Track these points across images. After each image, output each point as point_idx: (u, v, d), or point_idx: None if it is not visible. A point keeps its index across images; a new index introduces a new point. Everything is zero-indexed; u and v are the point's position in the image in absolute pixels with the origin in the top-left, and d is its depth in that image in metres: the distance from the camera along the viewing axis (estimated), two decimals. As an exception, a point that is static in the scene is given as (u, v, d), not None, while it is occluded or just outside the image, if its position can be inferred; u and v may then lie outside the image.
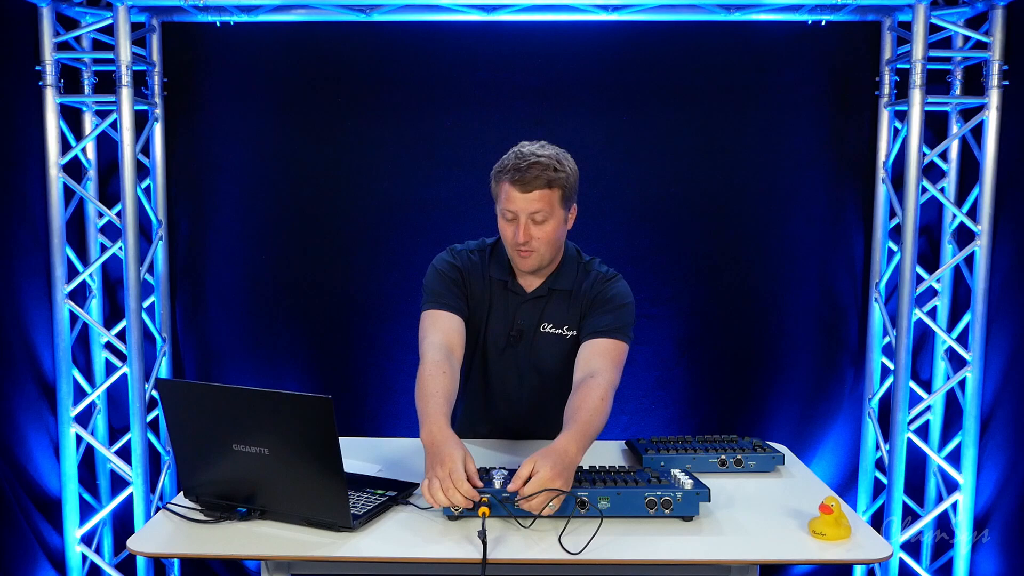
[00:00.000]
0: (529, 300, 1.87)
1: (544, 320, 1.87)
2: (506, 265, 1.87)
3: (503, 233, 1.79)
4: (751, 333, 2.85)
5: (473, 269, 1.88)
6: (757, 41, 2.73)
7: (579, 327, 1.85)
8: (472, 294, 1.87)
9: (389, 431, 2.86)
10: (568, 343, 1.87)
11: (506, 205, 1.74)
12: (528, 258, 1.77)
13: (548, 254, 1.79)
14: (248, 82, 2.77)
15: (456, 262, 1.88)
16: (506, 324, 1.88)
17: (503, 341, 1.89)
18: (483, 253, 1.91)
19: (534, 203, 1.71)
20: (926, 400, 2.69)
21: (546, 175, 1.71)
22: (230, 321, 2.87)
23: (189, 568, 2.90)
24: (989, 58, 2.51)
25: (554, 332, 1.86)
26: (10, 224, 2.54)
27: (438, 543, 1.39)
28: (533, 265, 1.80)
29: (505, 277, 1.87)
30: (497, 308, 1.89)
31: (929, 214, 2.75)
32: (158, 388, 1.54)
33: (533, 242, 1.74)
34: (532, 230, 1.73)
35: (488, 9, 2.59)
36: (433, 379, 1.67)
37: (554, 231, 1.76)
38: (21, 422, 2.58)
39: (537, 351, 1.88)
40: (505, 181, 1.73)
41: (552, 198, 1.73)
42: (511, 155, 1.76)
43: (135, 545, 1.40)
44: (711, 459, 1.74)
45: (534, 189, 1.71)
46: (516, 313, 1.88)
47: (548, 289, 1.86)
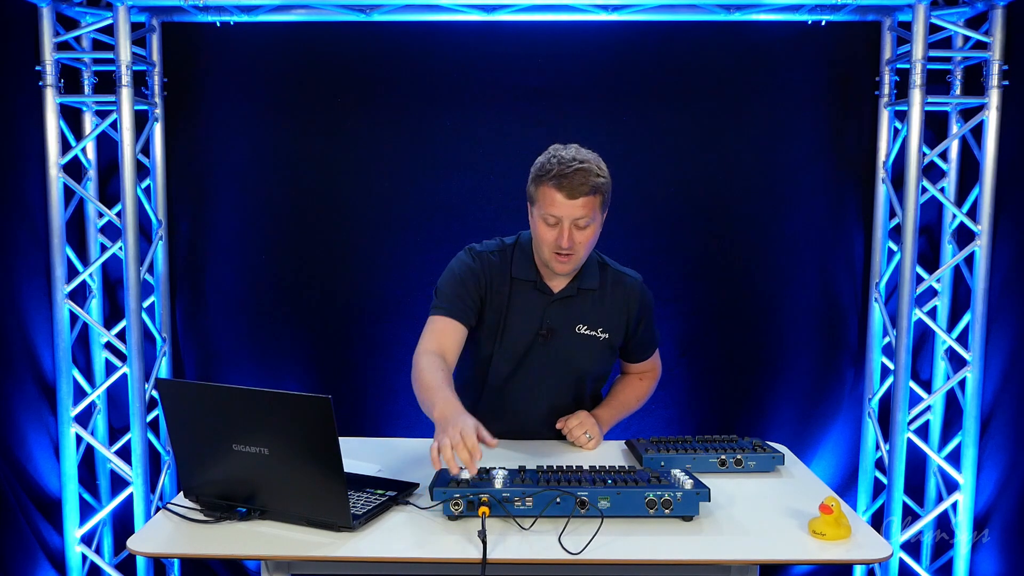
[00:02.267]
0: (558, 300, 1.88)
1: (579, 322, 1.90)
2: (531, 265, 1.88)
3: (542, 236, 1.78)
4: (751, 333, 2.85)
5: (493, 270, 1.88)
6: (757, 41, 2.73)
7: (626, 334, 1.95)
8: (490, 295, 1.88)
9: (389, 431, 2.86)
10: (601, 344, 1.92)
11: (549, 210, 1.74)
12: (567, 263, 1.79)
13: (584, 259, 1.83)
14: (248, 82, 2.77)
15: (475, 264, 1.88)
16: (532, 323, 1.88)
17: (529, 340, 1.89)
18: (503, 254, 1.91)
19: (579, 209, 1.73)
20: (926, 400, 2.69)
21: (591, 181, 1.73)
22: (230, 321, 2.87)
23: (189, 568, 2.90)
24: (989, 58, 2.51)
25: (589, 334, 1.90)
26: (10, 224, 2.54)
27: (438, 543, 1.39)
28: (570, 269, 1.83)
29: (532, 277, 1.88)
30: (521, 308, 1.89)
31: (929, 214, 2.75)
32: (158, 388, 1.54)
33: (575, 246, 1.76)
34: (575, 235, 1.75)
35: (488, 9, 2.59)
36: (431, 371, 1.69)
37: (594, 235, 1.80)
38: (21, 422, 2.58)
39: (570, 352, 1.90)
40: (549, 186, 1.73)
41: (595, 204, 1.76)
42: (552, 158, 1.76)
43: (135, 545, 1.40)
44: (711, 459, 1.74)
45: (580, 196, 1.72)
46: (545, 313, 1.88)
47: (576, 289, 1.89)
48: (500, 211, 2.77)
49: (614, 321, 1.92)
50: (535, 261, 1.88)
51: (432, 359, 1.74)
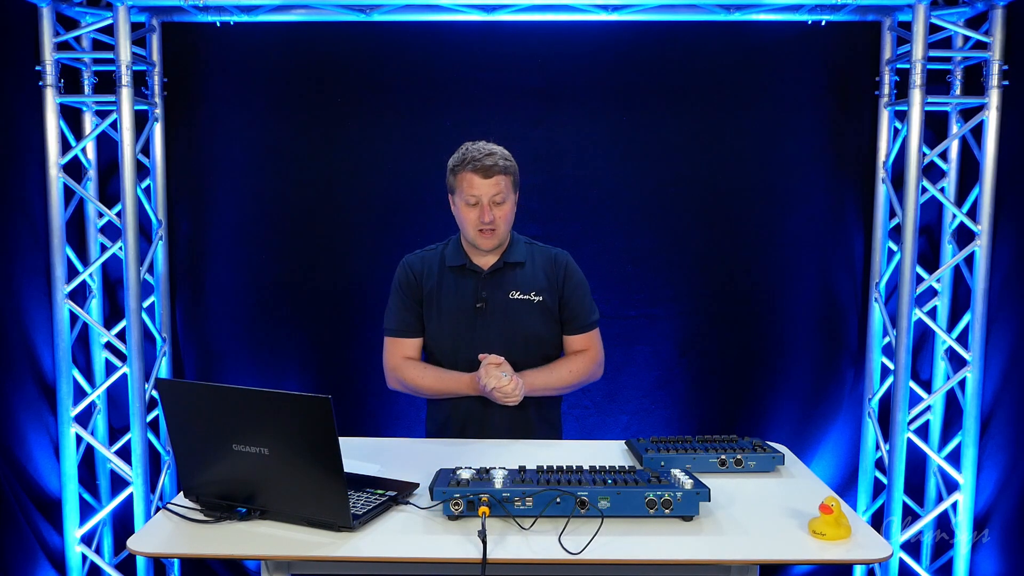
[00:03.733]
0: (488, 274, 2.09)
1: (511, 289, 2.09)
2: (461, 251, 2.11)
3: (466, 218, 2.02)
4: (751, 333, 2.85)
5: (424, 266, 2.13)
6: (757, 41, 2.73)
7: (560, 304, 2.11)
8: (427, 289, 2.11)
9: (389, 431, 2.86)
10: (536, 307, 2.09)
11: (469, 192, 2.00)
12: (491, 237, 2.03)
13: (506, 233, 2.06)
14: (248, 82, 2.77)
15: (405, 273, 2.13)
16: (470, 299, 2.08)
17: (469, 314, 2.08)
18: (434, 251, 2.16)
19: (494, 187, 1.99)
20: (926, 400, 2.69)
21: (501, 163, 2.01)
22: (230, 321, 2.87)
23: (189, 568, 2.90)
24: (989, 58, 2.51)
25: (523, 298, 2.09)
26: (10, 224, 2.54)
27: (438, 543, 1.39)
28: (495, 243, 2.05)
29: (462, 261, 2.10)
30: (456, 290, 2.09)
31: (929, 214, 2.75)
32: (158, 388, 1.54)
33: (496, 221, 2.00)
34: (494, 211, 2.00)
35: (488, 9, 2.59)
36: (423, 374, 2.08)
37: (510, 211, 2.05)
38: (21, 422, 2.58)
39: (508, 316, 2.08)
40: (467, 171, 2.00)
41: (507, 183, 2.02)
42: (465, 151, 2.03)
43: (135, 545, 1.40)
44: (711, 459, 1.74)
45: (494, 175, 1.99)
46: (478, 288, 2.08)
47: (504, 263, 2.10)
48: (500, 211, 2.77)
49: (544, 285, 2.10)
50: (464, 248, 2.11)
51: (411, 365, 2.10)
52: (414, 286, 2.11)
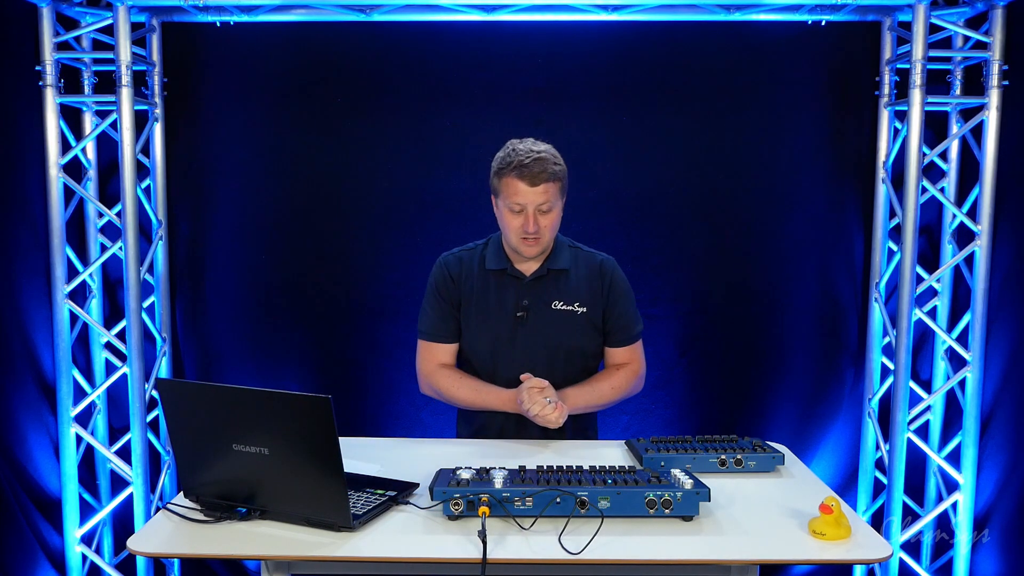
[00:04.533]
0: (530, 282, 1.99)
1: (554, 299, 1.99)
2: (502, 255, 2.01)
3: (509, 224, 1.91)
4: (751, 333, 2.85)
5: (462, 268, 2.02)
6: (757, 41, 2.73)
7: (603, 314, 2.01)
8: (465, 292, 2.01)
9: (389, 431, 2.86)
10: (580, 319, 1.99)
11: (513, 199, 1.87)
12: (535, 246, 1.92)
13: (551, 241, 1.96)
14: (248, 82, 2.77)
15: (443, 272, 2.03)
16: (509, 307, 1.98)
17: (510, 323, 1.98)
18: (474, 251, 2.06)
19: (540, 195, 1.86)
20: (926, 400, 2.69)
21: (550, 169, 1.87)
22: (230, 321, 2.87)
23: (189, 568, 2.90)
24: (989, 58, 2.51)
25: (566, 309, 1.99)
26: (10, 224, 2.54)
27: (438, 543, 1.39)
28: (538, 251, 1.94)
29: (503, 266, 1.99)
30: (497, 295, 1.99)
31: (929, 214, 2.75)
32: (158, 388, 1.54)
33: (541, 230, 1.89)
34: (539, 220, 1.88)
35: (488, 9, 2.59)
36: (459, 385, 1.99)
37: (557, 220, 1.93)
38: (21, 422, 2.58)
39: (550, 328, 1.98)
40: (512, 176, 1.86)
41: (555, 190, 1.89)
42: (510, 152, 1.90)
43: (135, 545, 1.40)
44: (711, 459, 1.74)
45: (541, 183, 1.85)
46: (519, 295, 1.98)
47: (547, 270, 1.99)
48: (500, 211, 2.77)
49: (588, 295, 2.00)
50: (505, 251, 2.00)
51: (447, 374, 2.01)
52: (451, 288, 2.00)
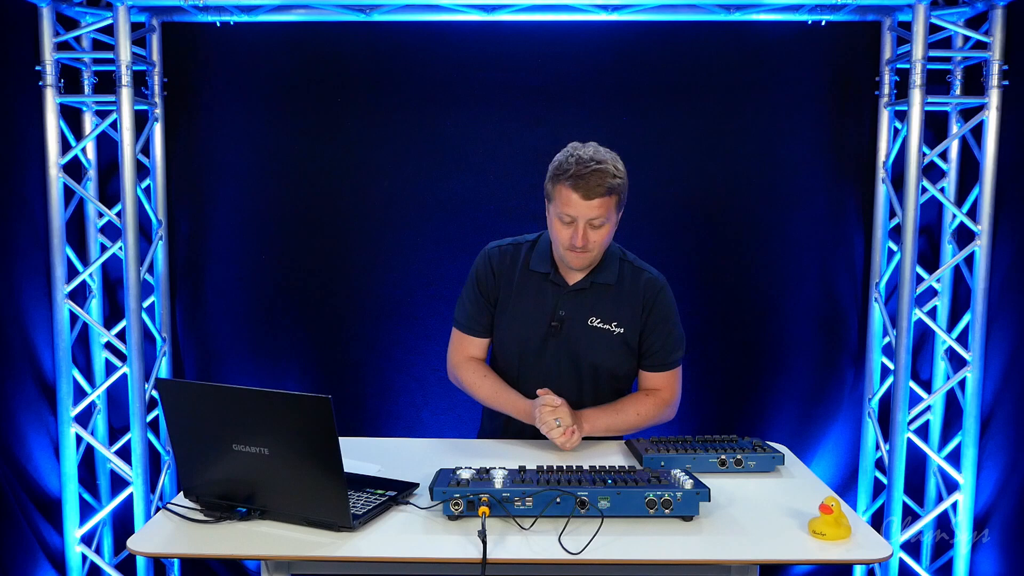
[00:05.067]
0: (571, 292, 1.91)
1: (592, 315, 1.91)
2: (547, 258, 1.93)
3: (558, 233, 1.82)
4: (751, 333, 2.85)
5: (505, 263, 1.95)
6: (757, 41, 2.72)
7: (640, 336, 1.93)
8: (504, 288, 1.94)
9: (389, 431, 2.86)
10: (615, 340, 1.91)
11: (564, 209, 1.77)
12: (582, 259, 1.83)
13: (599, 256, 1.87)
14: (248, 82, 2.77)
15: (486, 265, 1.96)
16: (545, 314, 1.92)
17: (542, 331, 1.92)
18: (521, 248, 1.98)
19: (594, 210, 1.76)
20: (926, 400, 2.69)
21: (607, 183, 1.74)
22: (230, 321, 2.87)
23: (189, 568, 2.90)
24: (989, 58, 2.51)
25: (602, 327, 1.90)
26: (10, 224, 2.54)
27: (438, 543, 1.39)
28: (585, 265, 1.86)
29: (547, 270, 1.92)
30: (534, 299, 1.93)
31: (929, 214, 2.75)
32: (158, 388, 1.54)
33: (589, 244, 1.79)
34: (590, 235, 1.78)
35: (488, 9, 2.59)
36: (481, 382, 1.96)
37: (609, 235, 1.83)
38: (21, 422, 2.58)
39: (583, 344, 1.91)
40: (566, 186, 1.75)
41: (610, 204, 1.78)
42: (570, 157, 1.78)
43: (135, 545, 1.40)
44: (711, 459, 1.74)
45: (595, 196, 1.74)
46: (558, 304, 1.91)
47: (591, 283, 1.91)
48: (500, 211, 2.77)
49: (628, 316, 1.91)
50: (552, 256, 1.92)
51: (473, 368, 1.97)
52: (491, 282, 1.94)
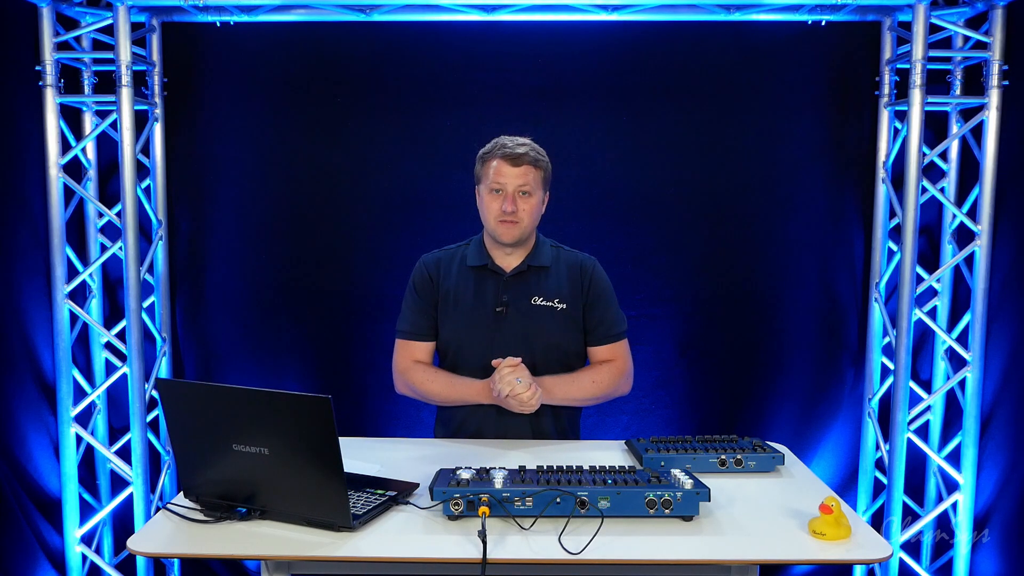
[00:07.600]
0: (510, 277, 2.01)
1: (534, 294, 2.01)
2: (483, 251, 2.04)
3: (488, 208, 1.95)
4: (751, 333, 2.85)
5: (441, 266, 2.06)
6: (757, 41, 2.73)
7: (583, 312, 2.02)
8: (444, 289, 2.03)
9: (389, 431, 2.86)
10: (560, 315, 2.00)
11: (495, 179, 1.93)
12: (512, 228, 1.94)
13: (529, 228, 1.98)
14: (248, 82, 2.77)
15: (422, 272, 2.07)
16: (490, 303, 2.00)
17: (489, 318, 1.99)
18: (455, 250, 2.09)
19: (521, 176, 1.92)
20: (926, 400, 2.69)
21: (532, 154, 1.95)
22: (230, 321, 2.87)
23: (189, 568, 2.90)
24: (989, 58, 2.51)
25: (546, 304, 2.00)
26: (10, 224, 2.54)
27: (438, 543, 1.39)
28: (515, 236, 1.95)
29: (484, 262, 2.02)
30: (477, 291, 2.02)
31: (929, 214, 2.75)
32: (158, 388, 1.54)
33: (519, 212, 1.92)
34: (519, 202, 1.93)
35: (488, 9, 2.59)
36: (432, 378, 2.01)
37: (536, 206, 1.97)
38: (21, 422, 2.58)
39: (531, 322, 1.99)
40: (496, 158, 1.94)
41: (536, 176, 1.95)
42: (496, 141, 1.98)
43: (135, 545, 1.40)
44: (711, 459, 1.74)
45: (523, 164, 1.92)
46: (500, 291, 2.00)
47: (528, 266, 2.02)
48: (500, 211, 2.77)
49: (568, 293, 2.01)
50: (487, 248, 2.04)
51: (421, 369, 2.02)
52: (429, 287, 2.03)
